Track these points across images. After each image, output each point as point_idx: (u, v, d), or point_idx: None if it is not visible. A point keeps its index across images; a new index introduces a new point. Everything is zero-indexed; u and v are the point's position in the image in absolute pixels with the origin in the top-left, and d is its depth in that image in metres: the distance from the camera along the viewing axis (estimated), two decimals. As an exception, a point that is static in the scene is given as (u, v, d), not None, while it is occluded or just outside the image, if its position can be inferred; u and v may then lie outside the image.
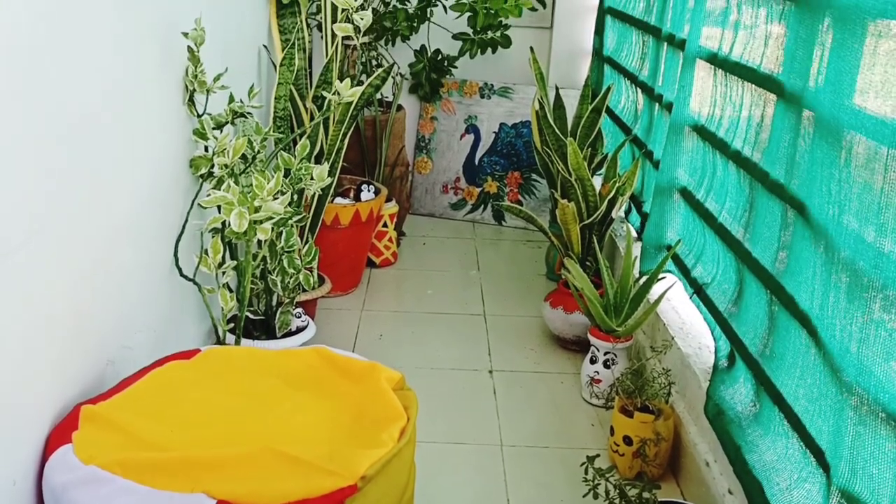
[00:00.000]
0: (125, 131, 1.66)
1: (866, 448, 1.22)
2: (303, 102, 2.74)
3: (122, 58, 1.63)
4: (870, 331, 1.25)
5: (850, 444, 1.26)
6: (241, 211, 1.78)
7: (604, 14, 3.47)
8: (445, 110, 3.85)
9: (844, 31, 1.44)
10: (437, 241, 3.62)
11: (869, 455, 1.22)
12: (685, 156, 2.29)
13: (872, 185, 1.31)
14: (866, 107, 1.36)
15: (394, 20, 3.38)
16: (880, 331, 1.23)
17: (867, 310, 1.26)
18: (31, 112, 1.27)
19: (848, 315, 1.31)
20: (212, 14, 2.17)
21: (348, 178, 3.14)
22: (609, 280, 2.35)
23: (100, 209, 1.56)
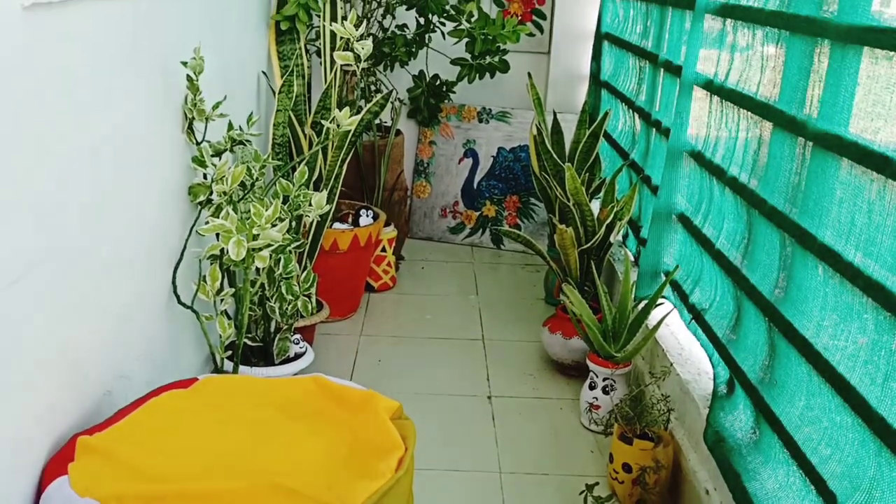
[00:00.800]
0: (123, 160, 1.67)
1: (885, 480, 1.22)
2: (301, 128, 2.75)
3: (121, 87, 1.64)
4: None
5: (871, 476, 1.25)
6: (240, 239, 1.78)
7: (601, 39, 3.49)
8: (444, 135, 3.87)
9: (841, 58, 1.45)
10: (435, 265, 3.63)
11: (888, 486, 1.21)
12: (683, 181, 2.29)
13: (876, 212, 1.32)
14: (862, 134, 1.37)
15: (392, 46, 3.40)
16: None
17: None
18: (28, 143, 1.28)
19: (874, 347, 1.30)
20: (211, 42, 2.18)
21: (347, 202, 3.14)
22: (607, 305, 2.35)
23: (98, 238, 1.56)
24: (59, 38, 1.35)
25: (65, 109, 1.39)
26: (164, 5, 1.82)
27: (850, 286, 1.37)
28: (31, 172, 1.29)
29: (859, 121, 1.40)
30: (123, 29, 1.62)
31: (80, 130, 1.45)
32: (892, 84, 1.28)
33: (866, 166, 1.34)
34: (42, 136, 1.32)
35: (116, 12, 1.57)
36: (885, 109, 1.30)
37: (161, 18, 1.81)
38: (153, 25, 1.77)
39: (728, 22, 2.02)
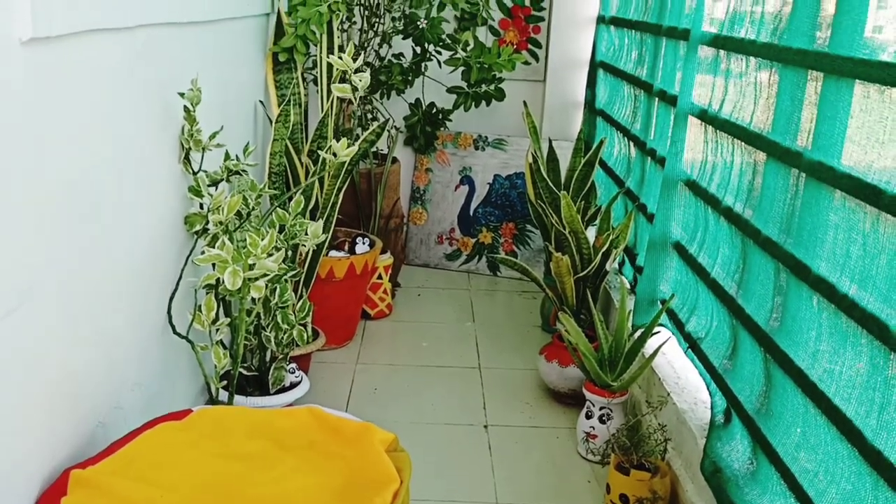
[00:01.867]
0: (120, 190, 1.67)
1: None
2: (298, 157, 2.76)
3: (118, 118, 1.64)
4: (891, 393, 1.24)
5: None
6: (235, 269, 1.79)
7: (595, 68, 3.52)
8: (440, 162, 3.88)
9: (834, 90, 1.46)
10: (432, 291, 3.62)
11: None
12: (678, 210, 2.30)
13: (870, 244, 1.32)
14: (855, 165, 1.38)
15: (389, 74, 3.42)
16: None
17: (889, 370, 1.25)
18: (25, 174, 1.28)
19: (869, 378, 1.30)
20: (209, 72, 2.20)
21: (343, 230, 3.15)
22: (603, 334, 2.35)
23: (94, 269, 1.56)
24: (57, 72, 1.36)
25: (62, 141, 1.40)
26: (161, 37, 1.83)
27: (845, 318, 1.37)
28: (26, 204, 1.29)
29: (852, 152, 1.41)
30: (121, 61, 1.63)
31: (76, 161, 1.46)
32: (884, 117, 1.29)
33: (859, 198, 1.35)
34: (39, 167, 1.32)
35: (114, 45, 1.58)
36: (878, 142, 1.31)
37: (159, 50, 1.83)
38: (151, 57, 1.78)
39: (722, 53, 2.03)
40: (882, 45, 1.37)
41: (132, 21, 1.63)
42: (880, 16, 1.43)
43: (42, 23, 1.25)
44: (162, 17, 1.80)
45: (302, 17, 2.74)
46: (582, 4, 3.69)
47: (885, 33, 1.44)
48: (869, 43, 1.37)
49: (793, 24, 1.64)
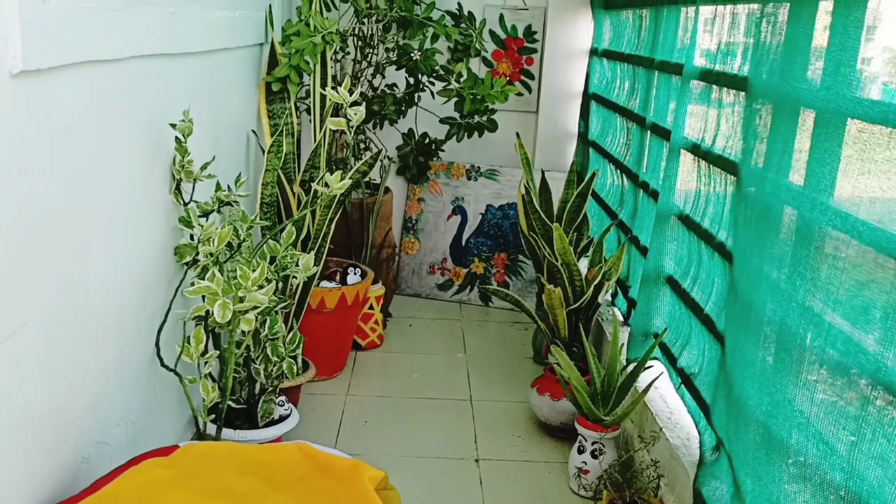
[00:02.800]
0: (109, 222, 1.66)
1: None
2: (290, 186, 2.75)
3: (109, 150, 1.63)
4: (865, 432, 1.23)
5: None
6: (225, 301, 1.77)
7: (589, 99, 3.54)
8: (433, 191, 3.88)
9: (825, 128, 1.46)
10: (423, 322, 3.60)
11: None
12: (671, 244, 2.30)
13: (862, 285, 1.32)
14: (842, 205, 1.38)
15: (382, 104, 3.43)
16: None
17: (861, 411, 1.24)
18: (14, 205, 1.27)
19: (839, 418, 1.29)
20: (201, 102, 2.19)
21: (335, 260, 3.13)
22: (596, 368, 2.33)
23: (81, 302, 1.54)
24: (47, 104, 1.35)
25: (50, 174, 1.38)
26: (153, 69, 1.83)
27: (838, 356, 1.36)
28: (12, 237, 1.27)
29: (843, 192, 1.40)
30: (111, 93, 1.62)
31: (65, 193, 1.44)
32: (874, 157, 1.29)
33: (853, 238, 1.35)
34: (27, 200, 1.31)
35: (105, 77, 1.57)
36: (868, 183, 1.31)
37: (150, 82, 1.82)
38: (142, 89, 1.78)
39: (714, 88, 2.04)
40: (872, 77, 1.37)
41: (124, 53, 1.63)
42: (868, 47, 1.43)
43: (32, 56, 1.24)
44: (154, 48, 1.79)
45: (296, 47, 2.74)
46: (575, 37, 3.71)
47: (872, 65, 1.45)
48: (860, 84, 1.38)
49: (784, 61, 1.64)
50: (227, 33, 2.42)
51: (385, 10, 3.23)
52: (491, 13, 3.75)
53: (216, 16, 2.29)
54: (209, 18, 2.22)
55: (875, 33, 1.40)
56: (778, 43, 1.69)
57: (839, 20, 1.43)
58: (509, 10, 3.76)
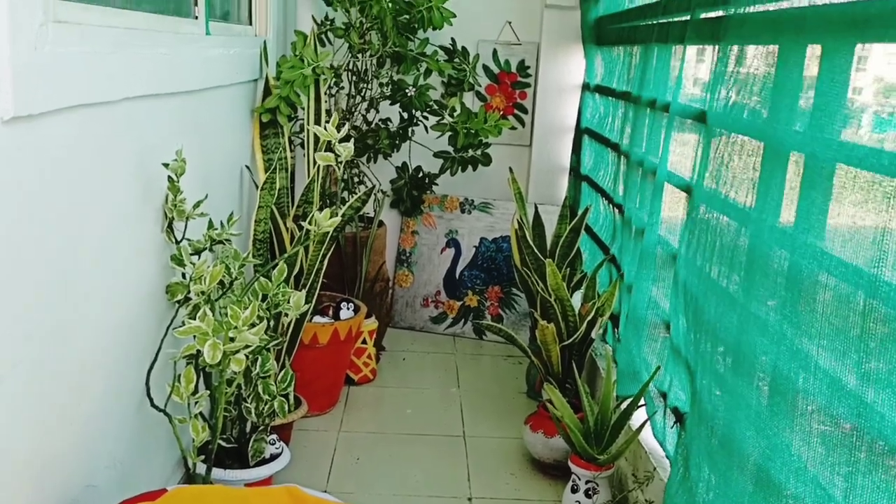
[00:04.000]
0: (100, 262, 1.65)
1: None
2: (283, 221, 2.76)
3: (100, 191, 1.63)
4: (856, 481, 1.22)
5: None
6: (216, 342, 1.76)
7: (581, 134, 3.55)
8: (426, 224, 3.89)
9: (813, 173, 1.47)
10: (417, 356, 3.59)
11: None
12: (658, 282, 2.30)
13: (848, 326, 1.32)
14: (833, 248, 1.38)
15: (376, 138, 3.44)
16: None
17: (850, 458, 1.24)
18: (5, 248, 1.26)
19: (830, 466, 1.29)
20: (195, 140, 2.20)
21: (328, 294, 3.12)
22: (589, 406, 2.32)
23: (70, 344, 1.53)
24: (38, 148, 1.35)
25: (41, 217, 1.38)
26: (146, 109, 1.83)
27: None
28: (2, 278, 1.27)
29: (833, 237, 1.41)
30: (104, 135, 1.62)
31: (54, 236, 1.44)
32: (863, 202, 1.30)
33: (846, 282, 1.35)
34: (17, 244, 1.30)
35: (97, 119, 1.58)
36: (857, 231, 1.31)
37: (143, 122, 1.83)
38: (135, 129, 1.78)
39: (702, 128, 2.05)
40: (862, 108, 1.39)
41: (116, 95, 1.64)
42: (858, 77, 1.44)
43: (23, 102, 1.25)
44: (146, 89, 1.80)
45: (286, 78, 2.76)
46: (567, 72, 3.74)
47: (863, 95, 1.46)
48: (849, 109, 1.39)
49: (772, 106, 1.66)
50: (222, 71, 2.43)
51: (379, 46, 3.25)
52: (484, 48, 3.78)
53: (211, 54, 2.30)
54: (204, 57, 2.24)
55: (867, 63, 1.41)
56: (765, 85, 1.70)
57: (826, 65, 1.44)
58: (502, 45, 3.79)
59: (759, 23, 1.73)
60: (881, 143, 1.27)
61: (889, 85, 1.42)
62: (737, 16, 1.83)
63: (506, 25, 3.77)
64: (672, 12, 2.35)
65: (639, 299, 2.35)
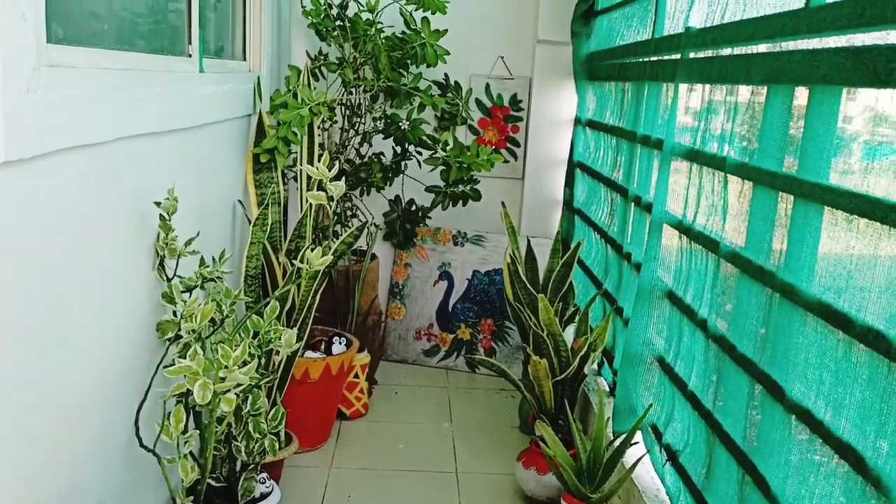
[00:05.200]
0: (90, 301, 1.65)
1: None
2: (276, 256, 2.76)
3: (92, 230, 1.63)
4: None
5: None
6: (206, 382, 1.75)
7: (574, 167, 3.57)
8: (419, 257, 3.89)
9: (804, 214, 1.48)
10: (409, 389, 3.57)
11: None
12: (654, 318, 2.30)
13: (843, 371, 1.32)
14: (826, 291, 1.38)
15: (369, 172, 3.46)
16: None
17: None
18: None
19: None
20: (187, 177, 2.21)
21: (320, 329, 3.12)
22: (582, 444, 2.31)
23: (62, 382, 1.52)
24: (29, 190, 1.36)
25: (32, 258, 1.38)
26: (140, 147, 1.84)
27: (821, 444, 1.36)
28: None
29: (822, 278, 1.42)
30: (96, 175, 1.63)
31: (45, 275, 1.44)
32: (850, 245, 1.31)
33: (831, 324, 1.35)
34: (10, 282, 1.30)
35: (90, 160, 1.58)
36: (845, 270, 1.32)
37: (136, 161, 1.83)
38: (128, 168, 1.79)
39: (694, 166, 2.07)
40: (854, 136, 1.40)
41: (109, 136, 1.64)
42: (849, 107, 1.45)
43: (15, 147, 1.25)
44: (140, 128, 1.81)
45: (283, 119, 2.78)
46: (559, 106, 3.77)
47: (854, 124, 1.47)
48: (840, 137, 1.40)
49: (762, 144, 1.67)
50: (216, 107, 2.45)
51: (372, 81, 3.28)
52: (477, 82, 3.81)
53: (204, 91, 2.32)
54: (197, 95, 2.25)
55: (855, 93, 1.43)
56: (754, 125, 1.72)
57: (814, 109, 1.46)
58: (495, 80, 3.82)
59: (752, 63, 1.74)
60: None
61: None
62: (732, 57, 1.85)
63: (498, 60, 3.81)
64: (662, 51, 2.38)
65: (635, 335, 2.35)
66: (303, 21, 3.40)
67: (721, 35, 1.89)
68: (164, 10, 2.23)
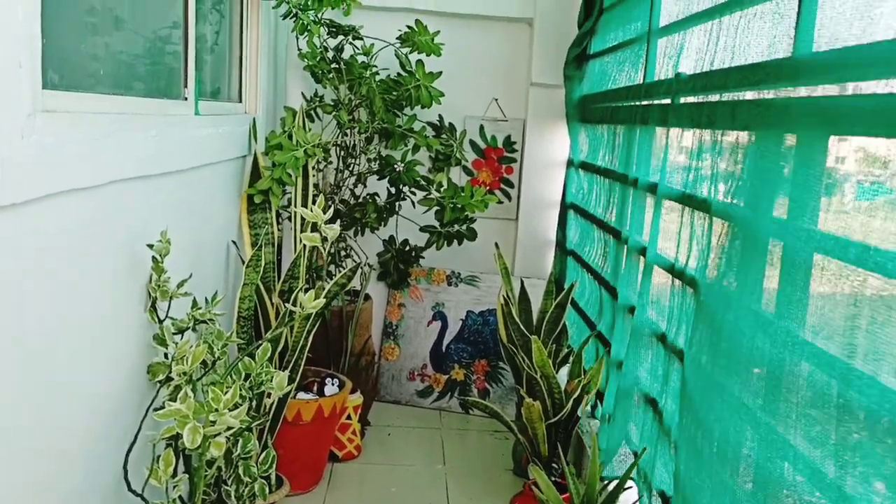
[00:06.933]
0: (80, 344, 1.64)
1: None
2: (269, 296, 2.75)
3: (83, 272, 1.63)
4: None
5: None
6: (196, 426, 1.74)
7: (567, 209, 3.59)
8: (413, 297, 3.89)
9: (791, 263, 1.49)
10: (402, 430, 3.55)
11: None
12: (646, 361, 2.30)
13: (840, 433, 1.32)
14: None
15: (363, 212, 3.47)
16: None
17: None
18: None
19: None
20: (181, 218, 2.21)
21: (312, 369, 3.10)
22: (575, 489, 2.29)
23: (51, 426, 1.51)
24: (21, 234, 1.36)
25: (24, 301, 1.38)
26: (133, 190, 1.85)
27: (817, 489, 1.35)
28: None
29: (814, 332, 1.42)
30: (89, 218, 1.63)
31: (35, 319, 1.43)
32: (839, 300, 1.31)
33: (823, 372, 1.35)
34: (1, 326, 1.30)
35: (83, 203, 1.59)
36: (835, 325, 1.33)
37: (130, 204, 1.84)
38: (121, 211, 1.79)
39: (686, 210, 2.08)
40: (846, 176, 1.41)
41: (104, 179, 1.65)
42: (842, 147, 1.46)
43: (8, 192, 1.26)
44: (135, 171, 1.82)
45: (278, 160, 2.79)
46: (553, 148, 3.80)
47: (846, 164, 1.48)
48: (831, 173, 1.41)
49: (751, 191, 1.68)
50: (211, 149, 2.46)
51: (367, 123, 3.31)
52: (471, 124, 3.85)
53: (200, 134, 2.33)
54: (193, 137, 2.27)
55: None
56: (744, 172, 1.73)
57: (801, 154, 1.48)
58: (489, 121, 3.86)
59: (740, 110, 1.76)
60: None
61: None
62: (719, 103, 1.87)
63: (492, 102, 3.85)
64: (654, 96, 2.41)
65: (628, 377, 2.34)
66: (299, 63, 3.44)
67: (710, 82, 1.92)
68: (160, 52, 2.26)
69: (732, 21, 1.84)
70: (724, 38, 1.88)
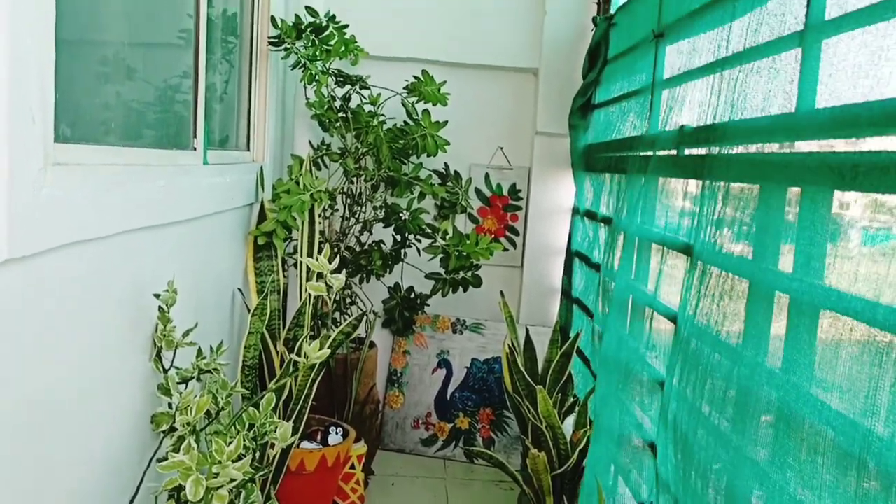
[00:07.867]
0: (85, 393, 1.64)
1: None
2: (274, 344, 2.75)
3: (89, 323, 1.64)
4: None
5: None
6: (198, 478, 1.72)
7: (571, 257, 3.60)
8: (418, 344, 3.88)
9: (797, 315, 1.49)
10: (406, 480, 3.51)
11: None
12: (650, 409, 2.28)
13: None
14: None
15: (369, 259, 3.48)
16: None
17: None
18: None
19: None
20: (187, 267, 2.22)
21: (316, 418, 3.08)
22: (581, 542, 2.26)
23: (53, 477, 1.50)
24: (29, 286, 1.36)
25: (31, 351, 1.38)
26: (140, 240, 1.86)
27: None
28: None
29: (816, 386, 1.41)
30: (97, 269, 1.64)
31: (44, 367, 1.43)
32: (844, 352, 1.31)
33: (826, 426, 1.34)
34: (6, 377, 1.30)
35: (90, 254, 1.59)
36: (833, 376, 1.32)
37: (136, 254, 1.85)
38: (128, 260, 1.80)
39: (687, 260, 2.08)
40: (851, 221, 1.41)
41: (112, 230, 1.66)
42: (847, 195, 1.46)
43: (18, 245, 1.27)
44: (142, 222, 1.83)
45: (284, 204, 2.81)
46: (558, 196, 3.82)
47: (851, 209, 1.48)
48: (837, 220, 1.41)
49: (757, 244, 1.69)
50: (218, 198, 2.48)
51: (374, 171, 3.33)
52: (476, 172, 3.88)
53: (208, 182, 2.35)
54: (201, 186, 2.28)
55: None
56: (749, 225, 1.74)
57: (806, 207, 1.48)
58: (494, 169, 3.89)
59: (742, 163, 1.78)
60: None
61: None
62: (722, 155, 1.88)
63: (497, 150, 3.88)
64: (658, 146, 2.43)
65: (626, 425, 2.32)
66: (306, 112, 3.48)
67: (713, 134, 1.94)
68: (170, 101, 2.29)
69: (732, 75, 1.86)
70: (726, 93, 1.90)
